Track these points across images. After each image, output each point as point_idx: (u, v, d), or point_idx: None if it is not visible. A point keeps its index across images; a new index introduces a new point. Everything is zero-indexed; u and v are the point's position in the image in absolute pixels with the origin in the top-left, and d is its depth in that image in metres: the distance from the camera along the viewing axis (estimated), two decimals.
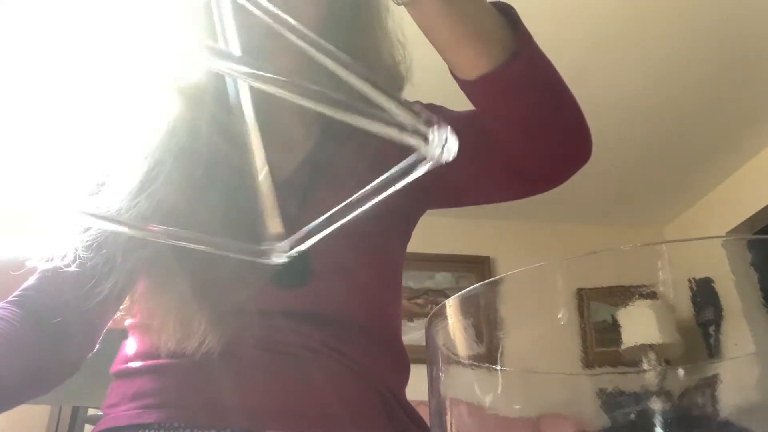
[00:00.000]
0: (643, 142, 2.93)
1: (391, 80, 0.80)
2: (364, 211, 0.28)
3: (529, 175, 0.70)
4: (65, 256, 0.66)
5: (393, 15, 0.79)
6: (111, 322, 0.74)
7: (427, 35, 0.60)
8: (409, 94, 0.82)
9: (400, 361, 0.77)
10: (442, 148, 0.23)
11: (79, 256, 0.66)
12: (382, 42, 0.78)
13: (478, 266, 3.32)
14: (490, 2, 0.62)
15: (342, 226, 0.28)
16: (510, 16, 0.62)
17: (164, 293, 0.67)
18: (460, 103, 0.68)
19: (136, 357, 0.70)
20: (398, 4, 0.57)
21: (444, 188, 0.79)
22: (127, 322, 0.75)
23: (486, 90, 0.63)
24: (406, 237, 0.83)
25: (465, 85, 0.63)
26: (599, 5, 2.21)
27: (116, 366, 0.72)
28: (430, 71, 0.73)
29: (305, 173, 0.76)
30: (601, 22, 2.28)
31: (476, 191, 0.78)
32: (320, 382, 0.66)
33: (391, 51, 0.79)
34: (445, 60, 0.63)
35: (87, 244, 0.66)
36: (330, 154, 0.77)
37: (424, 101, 0.84)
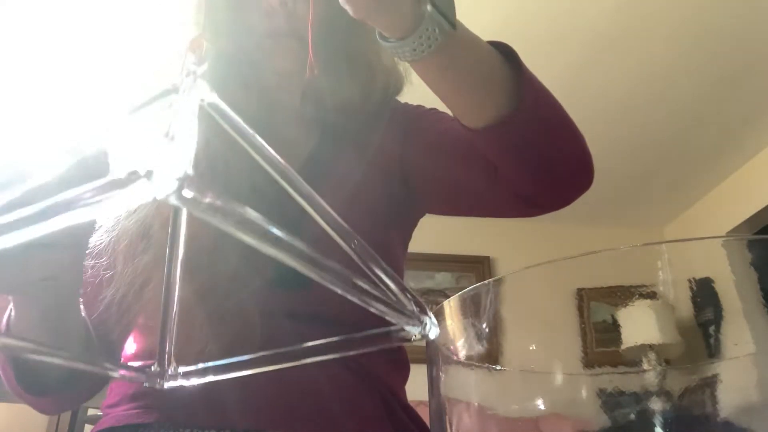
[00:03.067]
0: (643, 143, 2.93)
1: (390, 81, 0.80)
2: (366, 210, 0.28)
3: (533, 201, 0.72)
4: None
5: None
6: None
7: (431, 88, 0.61)
8: (408, 94, 0.82)
9: (400, 361, 0.77)
10: (426, 332, 0.26)
11: None
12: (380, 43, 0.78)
13: (478, 266, 3.32)
14: (489, 42, 0.62)
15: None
16: (511, 57, 0.62)
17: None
18: None
19: (136, 357, 0.70)
20: (402, 60, 0.57)
21: (450, 204, 0.81)
22: None
23: (491, 139, 0.64)
24: (407, 237, 0.83)
25: (470, 133, 0.64)
26: (600, 6, 2.21)
27: None
28: None
29: (306, 175, 0.76)
30: (601, 23, 2.28)
31: (481, 208, 0.79)
32: (320, 382, 0.66)
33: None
34: (450, 109, 0.63)
35: (88, 251, 0.65)
36: (331, 155, 0.77)
37: (424, 103, 0.84)
